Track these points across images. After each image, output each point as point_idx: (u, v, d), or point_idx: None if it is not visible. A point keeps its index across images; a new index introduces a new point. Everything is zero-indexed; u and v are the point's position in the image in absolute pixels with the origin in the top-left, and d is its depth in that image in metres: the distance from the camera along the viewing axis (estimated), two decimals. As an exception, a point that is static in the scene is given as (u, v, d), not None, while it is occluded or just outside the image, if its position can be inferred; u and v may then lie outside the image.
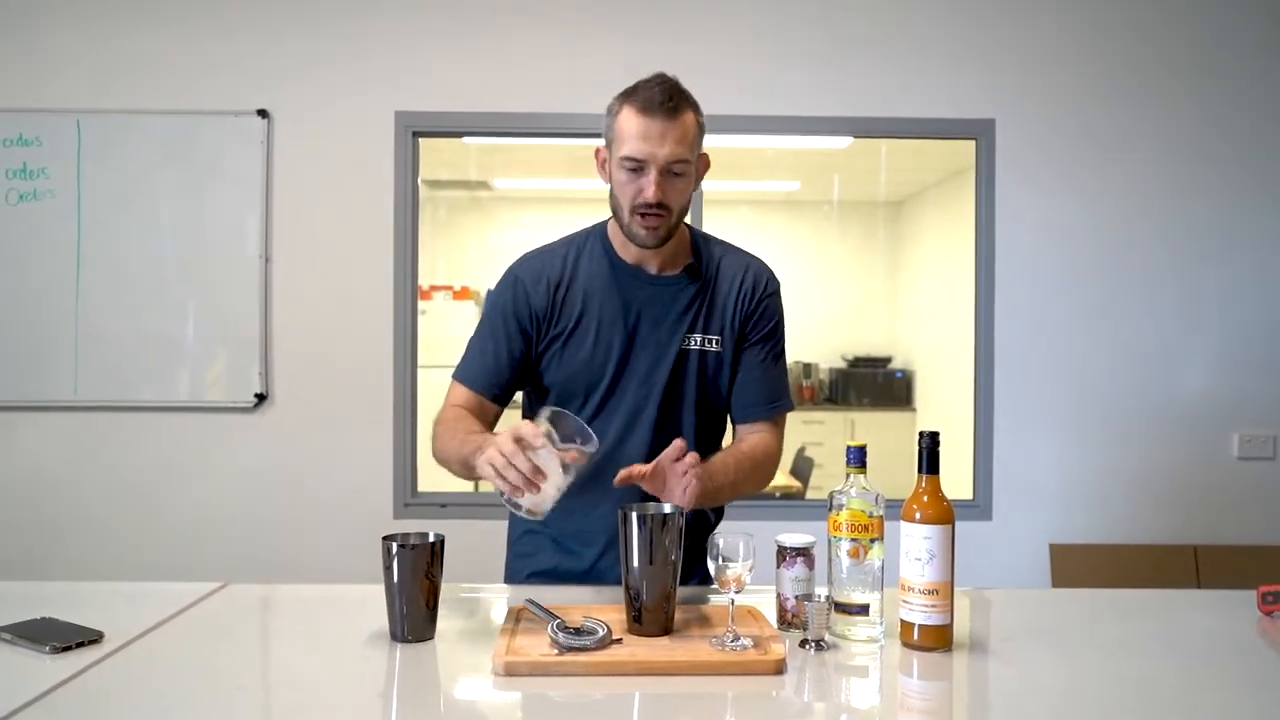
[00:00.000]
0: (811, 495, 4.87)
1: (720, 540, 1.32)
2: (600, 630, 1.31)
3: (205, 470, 3.42)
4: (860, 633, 1.38)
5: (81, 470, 3.41)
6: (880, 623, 1.39)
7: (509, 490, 1.37)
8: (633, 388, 1.69)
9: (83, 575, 3.28)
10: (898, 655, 1.35)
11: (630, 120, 1.58)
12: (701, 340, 1.71)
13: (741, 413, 1.75)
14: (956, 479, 3.49)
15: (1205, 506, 3.48)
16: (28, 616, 1.40)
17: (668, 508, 1.41)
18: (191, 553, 3.38)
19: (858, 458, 1.41)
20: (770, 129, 3.52)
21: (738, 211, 6.61)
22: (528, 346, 1.70)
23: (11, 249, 3.37)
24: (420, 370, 3.50)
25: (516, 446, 1.36)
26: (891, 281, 6.78)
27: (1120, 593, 1.73)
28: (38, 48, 3.39)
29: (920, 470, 1.37)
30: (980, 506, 3.49)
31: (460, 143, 4.65)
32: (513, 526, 1.85)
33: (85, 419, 3.40)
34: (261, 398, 3.41)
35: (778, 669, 1.26)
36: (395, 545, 1.36)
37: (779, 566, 1.45)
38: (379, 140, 3.42)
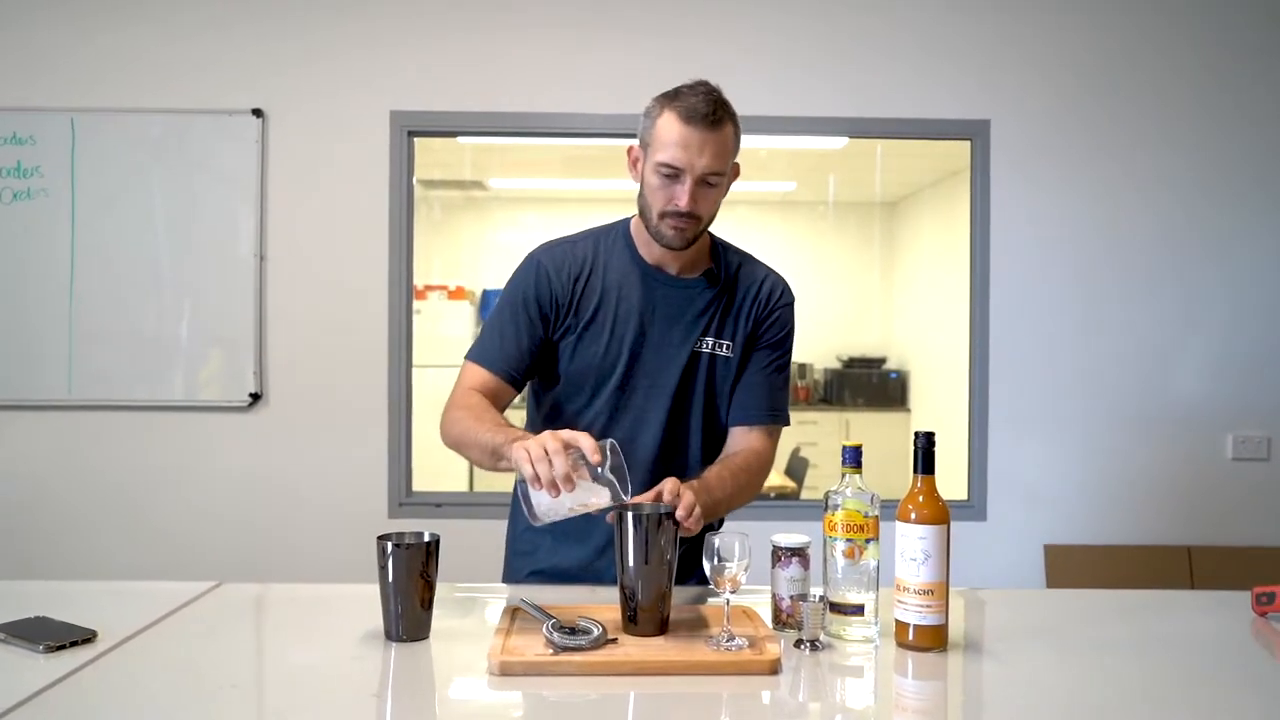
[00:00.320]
0: (806, 495, 4.88)
1: (716, 540, 1.32)
2: (595, 630, 1.31)
3: (199, 470, 3.41)
4: (855, 633, 1.38)
5: (75, 470, 3.40)
6: (875, 623, 1.39)
7: (532, 481, 1.36)
8: (643, 386, 1.69)
9: (76, 574, 3.28)
10: (893, 655, 1.35)
11: (671, 127, 1.57)
12: (714, 344, 1.71)
13: (740, 413, 1.74)
14: (951, 479, 3.49)
15: (1199, 507, 3.49)
16: (21, 615, 1.40)
17: (663, 507, 1.40)
18: (185, 552, 3.37)
19: (853, 458, 1.41)
20: (766, 129, 3.52)
21: (734, 211, 6.55)
22: (545, 332, 1.69)
23: (5, 247, 3.36)
24: (415, 370, 3.50)
25: (561, 446, 1.36)
26: (887, 282, 6.79)
27: (1115, 593, 1.73)
28: (31, 45, 3.38)
29: (915, 470, 1.37)
30: (975, 507, 3.49)
31: (455, 142, 4.64)
32: (512, 525, 1.84)
33: (79, 418, 3.39)
34: (256, 397, 3.40)
35: (773, 669, 1.26)
36: (390, 545, 1.35)
37: (774, 566, 1.45)
38: (374, 139, 3.42)
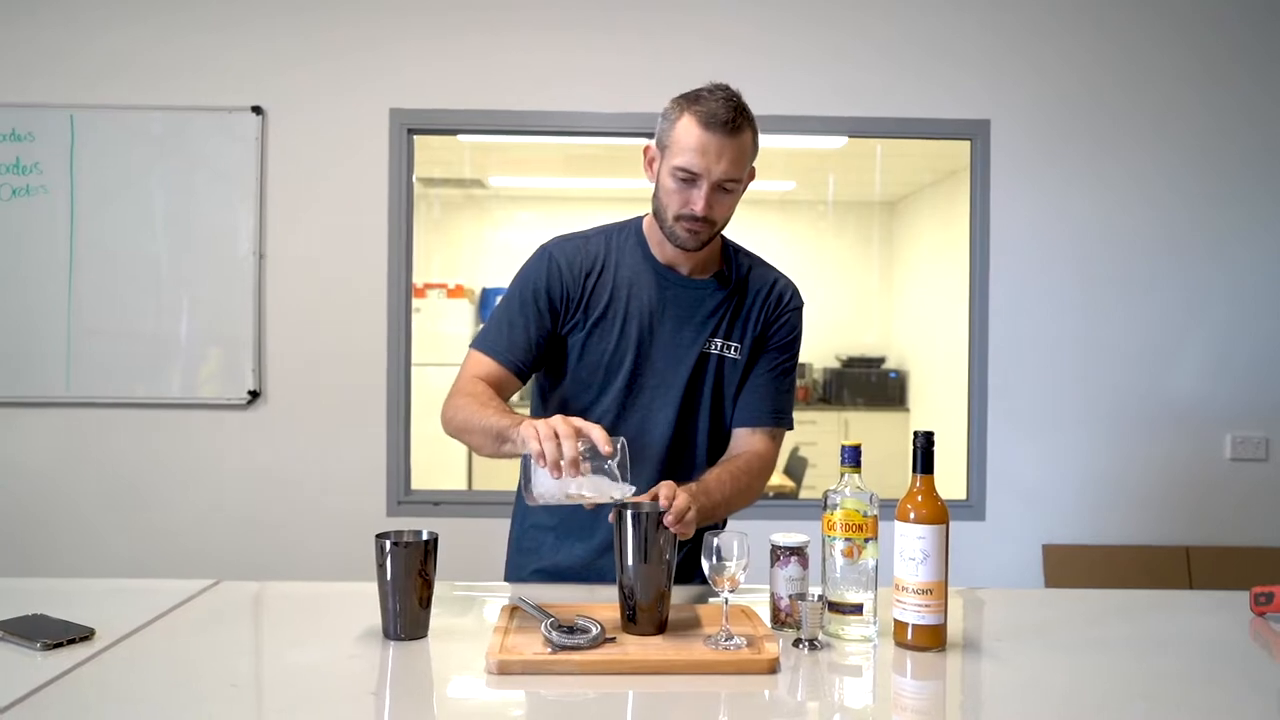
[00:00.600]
0: (805, 495, 4.88)
1: (715, 539, 1.32)
2: (594, 629, 1.31)
3: (198, 468, 3.41)
4: (854, 632, 1.38)
5: (73, 467, 3.40)
6: (874, 622, 1.39)
7: (537, 458, 1.36)
8: (651, 385, 1.69)
9: (74, 572, 3.28)
10: (891, 655, 1.35)
11: (689, 131, 1.57)
12: (723, 346, 1.71)
13: (744, 414, 1.73)
14: (950, 479, 3.50)
15: (1198, 508, 3.49)
16: (19, 613, 1.40)
17: (663, 506, 1.40)
18: (184, 550, 3.37)
19: (852, 457, 1.41)
20: (766, 128, 3.48)
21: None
22: (553, 325, 1.69)
23: (4, 244, 3.36)
24: (414, 368, 3.49)
25: (572, 431, 1.36)
26: (886, 281, 6.79)
27: (1113, 593, 1.73)
28: (31, 42, 3.38)
29: (914, 470, 1.37)
30: (974, 506, 3.49)
31: (455, 140, 4.64)
32: (516, 523, 1.83)
33: (77, 415, 3.39)
34: (255, 395, 3.40)
35: (771, 668, 1.26)
36: (389, 543, 1.35)
37: (773, 566, 1.45)
38: (374, 137, 3.41)
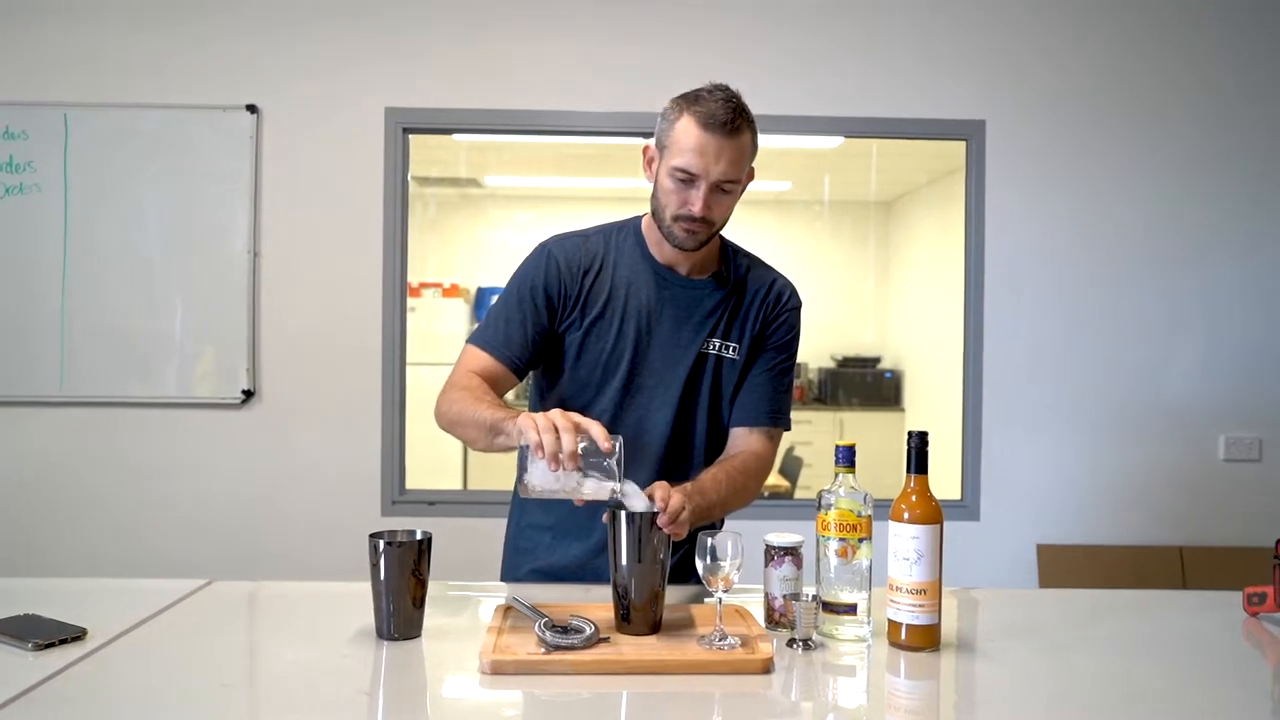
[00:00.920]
0: (800, 495, 4.88)
1: (709, 539, 1.32)
2: (588, 629, 1.31)
3: (192, 467, 3.40)
4: (848, 632, 1.38)
5: (67, 466, 3.38)
6: (868, 622, 1.39)
7: (535, 448, 1.35)
8: (649, 385, 1.69)
9: (66, 571, 3.27)
10: (885, 655, 1.35)
11: (689, 132, 1.57)
12: (721, 346, 1.71)
13: (741, 414, 1.73)
14: (944, 479, 3.50)
15: (1191, 508, 3.50)
16: (10, 613, 1.39)
17: (658, 507, 1.40)
18: (177, 549, 3.36)
19: (846, 457, 1.41)
20: (761, 128, 3.50)
21: (729, 210, 6.60)
22: (551, 323, 1.68)
23: (-3, 243, 3.35)
24: (409, 368, 3.49)
25: (571, 425, 1.36)
26: (881, 282, 6.79)
27: (1107, 593, 1.74)
28: (25, 40, 3.36)
29: (909, 470, 1.37)
30: (968, 507, 3.49)
31: (450, 139, 4.64)
32: (512, 522, 1.83)
33: (71, 414, 3.38)
34: (249, 394, 3.39)
35: (765, 668, 1.26)
36: (382, 542, 1.35)
37: (767, 566, 1.44)
38: (369, 136, 3.41)
